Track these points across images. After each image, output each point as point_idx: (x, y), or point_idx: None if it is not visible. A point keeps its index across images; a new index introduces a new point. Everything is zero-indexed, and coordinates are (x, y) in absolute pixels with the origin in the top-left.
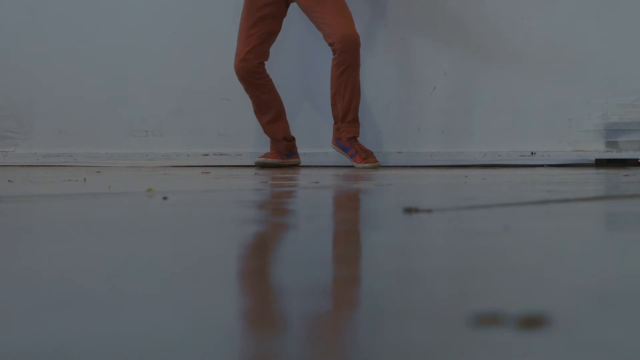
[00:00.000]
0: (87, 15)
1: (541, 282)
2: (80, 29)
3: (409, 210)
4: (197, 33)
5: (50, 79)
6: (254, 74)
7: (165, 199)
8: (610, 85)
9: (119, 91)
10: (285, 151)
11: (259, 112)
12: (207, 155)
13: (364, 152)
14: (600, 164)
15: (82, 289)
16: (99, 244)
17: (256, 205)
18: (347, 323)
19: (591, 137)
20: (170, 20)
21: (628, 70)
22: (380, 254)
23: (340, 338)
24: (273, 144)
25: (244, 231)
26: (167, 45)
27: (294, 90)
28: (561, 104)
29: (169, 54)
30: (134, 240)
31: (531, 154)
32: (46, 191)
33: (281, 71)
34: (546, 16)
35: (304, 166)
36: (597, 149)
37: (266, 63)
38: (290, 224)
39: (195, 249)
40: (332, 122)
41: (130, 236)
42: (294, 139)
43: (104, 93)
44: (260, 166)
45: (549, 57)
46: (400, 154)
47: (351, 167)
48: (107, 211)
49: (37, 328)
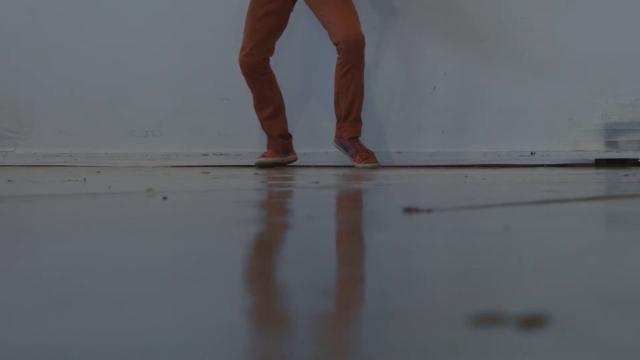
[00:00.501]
0: (87, 15)
1: (541, 282)
2: (80, 29)
3: (409, 210)
4: (197, 33)
5: (50, 79)
6: (258, 69)
7: (165, 198)
8: (610, 85)
9: (119, 91)
10: (282, 149)
11: (258, 107)
12: (207, 155)
13: (364, 152)
14: (600, 164)
15: (82, 289)
16: (99, 244)
17: (256, 205)
18: (348, 323)
19: (591, 137)
20: (170, 20)
21: (628, 70)
22: (380, 253)
23: (340, 338)
24: (269, 142)
25: (244, 231)
26: (167, 45)
27: (297, 88)
28: (561, 104)
29: (169, 54)
30: (134, 240)
31: (531, 154)
32: (46, 191)
33: (285, 68)
34: (546, 16)
35: (303, 166)
36: (597, 149)
37: (271, 59)
38: (290, 224)
39: (195, 249)
40: (334, 122)
41: (130, 236)
42: (290, 136)
43: (104, 93)
44: (260, 166)
45: (549, 57)
46: (400, 154)
47: (351, 167)
48: (107, 211)
49: (37, 328)
